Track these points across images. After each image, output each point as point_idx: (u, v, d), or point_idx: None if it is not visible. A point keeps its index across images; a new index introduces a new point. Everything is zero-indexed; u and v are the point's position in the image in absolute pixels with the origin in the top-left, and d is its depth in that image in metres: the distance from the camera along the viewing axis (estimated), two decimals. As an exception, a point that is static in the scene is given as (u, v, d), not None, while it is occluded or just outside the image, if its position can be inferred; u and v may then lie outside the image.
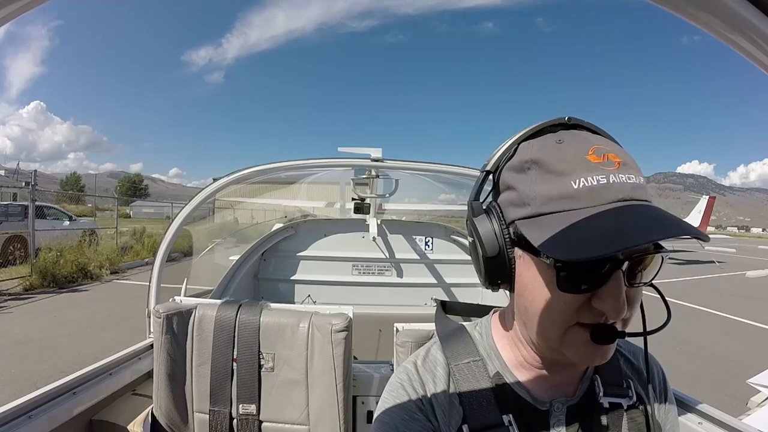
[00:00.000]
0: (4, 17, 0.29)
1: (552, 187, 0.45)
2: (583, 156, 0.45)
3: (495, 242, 0.50)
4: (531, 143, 0.50)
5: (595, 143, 0.46)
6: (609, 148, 0.46)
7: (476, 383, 0.55)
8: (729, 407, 1.03)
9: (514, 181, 0.49)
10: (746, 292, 9.82)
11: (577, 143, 0.46)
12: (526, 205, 0.46)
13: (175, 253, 3.32)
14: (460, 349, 0.59)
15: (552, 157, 0.46)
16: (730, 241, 24.97)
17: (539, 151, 0.47)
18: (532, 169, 0.47)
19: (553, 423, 0.53)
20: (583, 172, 0.43)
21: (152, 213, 35.01)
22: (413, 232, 2.56)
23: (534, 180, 0.46)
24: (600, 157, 0.44)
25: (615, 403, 0.54)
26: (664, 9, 0.32)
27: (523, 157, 0.49)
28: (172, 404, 1.20)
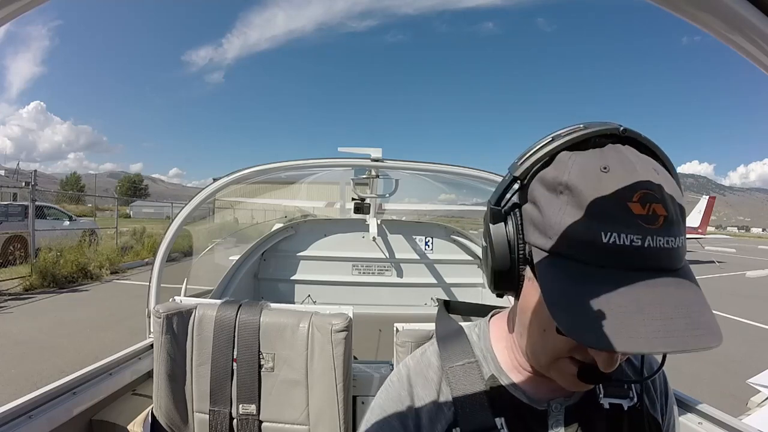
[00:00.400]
0: (4, 17, 0.29)
1: (579, 228, 0.39)
2: (626, 202, 0.38)
3: (507, 257, 0.47)
4: (573, 157, 0.43)
5: (645, 185, 0.39)
6: (658, 193, 0.39)
7: (470, 386, 0.54)
8: (729, 407, 1.03)
9: (543, 199, 0.43)
10: (746, 292, 9.82)
11: (625, 178, 0.39)
12: (547, 235, 0.42)
13: (175, 253, 3.31)
14: (456, 350, 0.58)
15: (590, 191, 0.39)
16: (730, 241, 24.98)
17: (578, 176, 0.41)
18: (565, 195, 0.41)
19: (551, 423, 0.52)
20: (618, 225, 0.38)
21: (152, 213, 35.00)
22: (413, 232, 2.56)
23: (563, 210, 0.41)
24: (644, 208, 0.38)
25: (615, 404, 0.53)
26: (664, 9, 0.32)
27: (559, 175, 0.42)
28: (172, 404, 1.20)
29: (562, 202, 0.41)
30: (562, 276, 0.40)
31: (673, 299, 0.37)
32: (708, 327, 0.37)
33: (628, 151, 0.43)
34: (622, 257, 0.38)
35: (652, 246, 0.37)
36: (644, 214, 0.38)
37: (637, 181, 0.39)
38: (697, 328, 0.36)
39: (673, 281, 0.39)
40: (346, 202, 2.91)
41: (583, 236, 0.39)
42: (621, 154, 0.42)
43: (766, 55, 0.32)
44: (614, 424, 0.52)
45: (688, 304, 0.38)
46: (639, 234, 0.37)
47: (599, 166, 0.41)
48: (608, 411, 0.53)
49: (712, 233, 39.54)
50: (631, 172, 0.40)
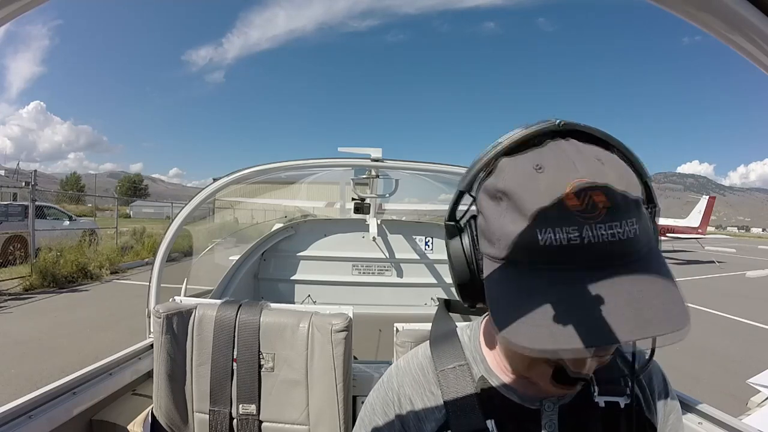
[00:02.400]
0: (4, 17, 0.29)
1: (518, 232, 0.39)
2: (558, 195, 0.37)
3: (466, 269, 0.48)
4: (510, 162, 0.43)
5: (582, 173, 0.38)
6: (598, 179, 0.37)
7: (461, 388, 0.54)
8: (729, 407, 1.03)
9: (487, 208, 0.44)
10: (746, 292, 9.82)
11: (558, 172, 0.38)
12: (492, 242, 0.42)
13: (175, 253, 3.32)
14: (447, 353, 0.58)
15: (523, 192, 0.39)
16: (730, 241, 24.99)
17: (513, 179, 0.40)
18: (504, 201, 0.41)
19: (544, 423, 0.51)
20: (552, 222, 0.37)
21: (152, 213, 35.01)
22: (413, 232, 2.56)
23: (503, 216, 0.41)
24: (580, 199, 0.36)
25: (612, 402, 0.52)
26: (665, 9, 0.32)
27: (497, 182, 0.42)
28: (172, 404, 1.20)
29: (502, 209, 0.41)
30: (504, 281, 0.40)
31: (615, 289, 0.36)
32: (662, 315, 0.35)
33: (567, 145, 0.41)
34: (560, 255, 0.37)
35: (592, 238, 0.36)
36: (579, 206, 0.36)
37: (571, 172, 0.38)
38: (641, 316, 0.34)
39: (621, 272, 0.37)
40: (346, 202, 2.91)
41: (521, 239, 0.38)
42: (558, 149, 0.41)
43: (766, 55, 0.32)
44: (611, 422, 0.52)
45: (634, 293, 0.36)
46: (575, 227, 0.36)
47: (533, 165, 0.40)
48: (604, 410, 0.52)
49: (712, 233, 39.53)
50: (566, 165, 0.39)
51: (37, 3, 0.30)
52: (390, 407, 0.58)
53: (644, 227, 0.39)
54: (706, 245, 18.21)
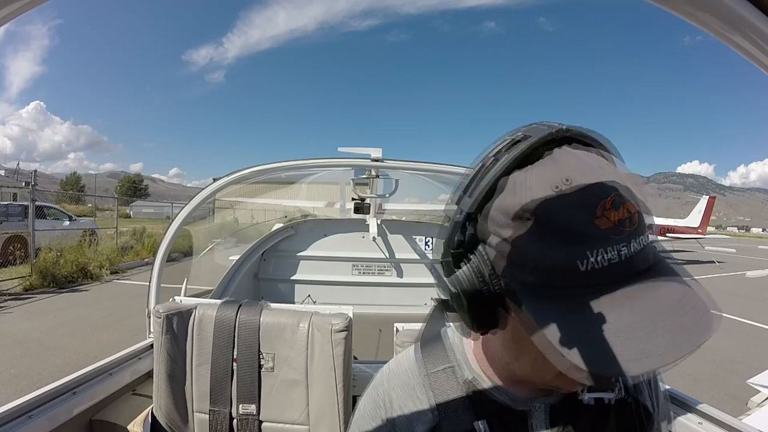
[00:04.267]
0: (4, 17, 0.29)
1: (556, 257, 0.37)
2: (600, 212, 0.36)
3: (485, 300, 0.43)
4: (525, 177, 0.39)
5: (611, 185, 0.37)
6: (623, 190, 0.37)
7: (450, 390, 0.54)
8: (729, 407, 1.03)
9: (510, 230, 0.39)
10: (746, 292, 9.82)
11: (590, 186, 0.37)
12: (527, 269, 0.39)
13: (175, 253, 3.31)
14: (436, 355, 0.58)
15: (560, 211, 0.37)
16: (730, 241, 24.98)
17: (539, 197, 0.38)
18: (530, 221, 0.38)
19: (534, 424, 0.51)
20: (601, 241, 0.36)
21: (152, 213, 35.02)
22: (413, 232, 2.56)
23: (533, 238, 0.38)
24: (619, 212, 0.36)
25: (599, 399, 0.52)
26: (665, 9, 0.32)
27: (519, 201, 0.39)
28: (172, 404, 1.20)
29: (529, 230, 0.38)
30: (553, 309, 0.38)
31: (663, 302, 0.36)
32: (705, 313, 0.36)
33: (578, 153, 0.40)
34: (613, 272, 0.36)
35: (637, 249, 0.37)
36: (621, 219, 0.36)
37: (602, 185, 0.37)
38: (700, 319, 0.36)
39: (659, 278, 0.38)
40: (346, 202, 2.91)
41: (562, 264, 0.37)
42: (574, 158, 0.40)
43: (766, 55, 0.32)
44: (600, 419, 0.51)
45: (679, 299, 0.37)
46: (623, 242, 0.36)
47: (560, 180, 0.38)
48: (592, 407, 0.51)
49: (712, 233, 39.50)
50: (592, 176, 0.38)
51: (37, 3, 0.30)
52: (380, 410, 0.58)
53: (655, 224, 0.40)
54: (706, 245, 18.20)
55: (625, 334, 0.35)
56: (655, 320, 0.35)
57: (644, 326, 0.35)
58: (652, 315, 0.36)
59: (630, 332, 0.35)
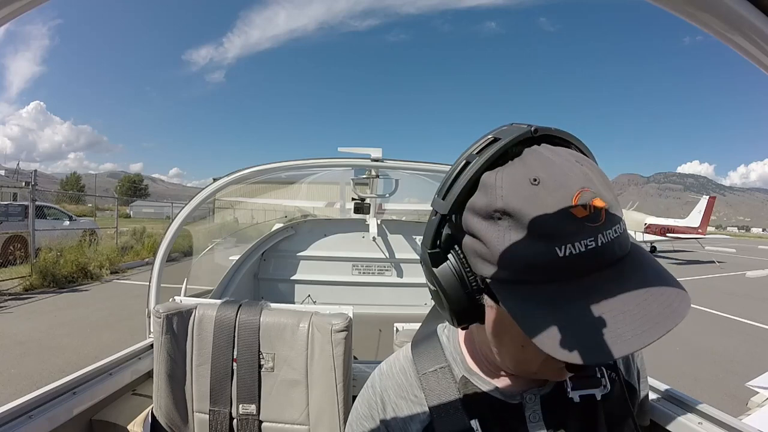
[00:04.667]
0: (4, 17, 0.29)
1: (530, 251, 0.38)
2: (567, 208, 0.37)
3: (462, 295, 0.45)
4: (498, 177, 0.40)
5: (578, 182, 0.38)
6: (591, 186, 0.38)
7: (443, 390, 0.54)
8: (729, 408, 1.03)
9: (482, 229, 0.41)
10: (746, 292, 9.83)
11: (556, 185, 0.38)
12: (498, 265, 0.40)
13: (175, 253, 3.32)
14: (429, 355, 0.59)
15: (528, 210, 0.38)
16: (730, 241, 24.98)
17: (511, 196, 0.39)
18: (504, 221, 0.39)
19: (528, 415, 0.52)
20: (569, 236, 0.37)
21: (152, 213, 35.03)
22: (413, 232, 2.56)
23: (508, 237, 0.39)
24: (586, 208, 0.37)
25: (586, 396, 0.53)
26: (665, 9, 0.32)
27: (490, 202, 0.40)
28: (172, 404, 1.20)
29: (503, 229, 0.39)
30: (531, 302, 0.39)
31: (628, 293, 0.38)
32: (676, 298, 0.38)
33: (545, 151, 0.42)
34: (582, 264, 0.37)
35: (605, 241, 0.38)
36: (588, 215, 0.37)
37: (569, 182, 0.38)
38: (668, 306, 0.37)
39: (627, 271, 0.39)
40: (346, 202, 2.91)
41: (538, 258, 0.38)
42: (542, 157, 0.41)
43: (766, 55, 0.32)
44: (588, 415, 0.52)
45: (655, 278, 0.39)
46: (590, 237, 0.37)
47: (528, 179, 0.39)
48: (579, 404, 0.52)
49: (712, 233, 39.50)
50: (560, 174, 0.39)
51: (37, 3, 0.30)
52: (374, 411, 0.58)
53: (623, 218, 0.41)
54: (706, 245, 18.20)
55: (600, 321, 0.36)
56: (628, 307, 0.37)
57: (617, 313, 0.36)
58: (625, 302, 0.37)
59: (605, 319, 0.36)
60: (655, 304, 0.37)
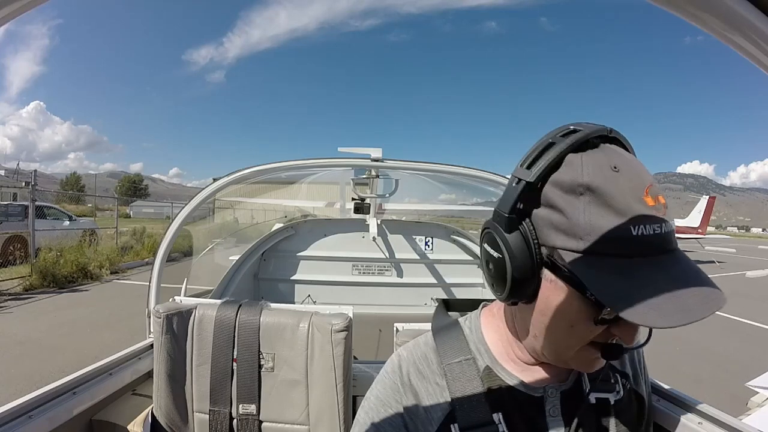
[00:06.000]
0: (4, 17, 0.29)
1: (610, 226, 0.42)
2: (641, 196, 0.42)
3: (528, 265, 0.47)
4: (582, 159, 0.45)
5: (648, 179, 0.44)
6: (657, 185, 0.44)
7: (467, 382, 0.55)
8: (730, 408, 1.03)
9: (563, 202, 0.44)
10: (746, 292, 9.82)
11: (633, 175, 0.44)
12: (578, 237, 0.43)
13: (175, 253, 3.32)
14: (452, 346, 0.59)
15: (611, 189, 0.42)
16: (730, 241, 24.98)
17: (595, 176, 0.43)
18: (586, 196, 0.43)
19: (548, 409, 0.54)
20: (642, 218, 0.42)
21: (152, 213, 35.02)
22: (413, 232, 2.56)
23: (588, 210, 0.43)
24: (654, 200, 0.43)
25: (602, 399, 0.55)
26: (665, 9, 0.32)
27: (575, 177, 0.44)
28: (172, 404, 1.20)
29: (584, 203, 0.43)
30: (606, 272, 0.42)
31: (692, 271, 0.43)
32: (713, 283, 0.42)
33: (620, 150, 0.47)
34: (650, 246, 0.42)
35: (666, 231, 0.43)
36: (655, 205, 0.43)
37: (642, 176, 0.44)
38: (714, 288, 0.41)
39: (683, 255, 0.44)
40: (346, 202, 2.91)
41: (614, 232, 0.42)
42: (619, 154, 0.46)
43: (766, 55, 0.32)
44: (601, 417, 0.55)
45: (698, 269, 0.43)
46: (657, 224, 0.42)
47: (610, 165, 0.44)
48: (595, 406, 0.55)
49: (712, 233, 39.48)
50: (635, 170, 0.44)
51: (37, 3, 0.30)
52: (398, 395, 0.58)
53: None
54: (706, 245, 18.19)
55: (665, 292, 0.40)
56: (687, 285, 0.41)
57: (677, 288, 0.40)
58: (684, 280, 0.41)
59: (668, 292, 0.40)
60: (707, 283, 0.41)
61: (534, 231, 0.47)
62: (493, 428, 0.52)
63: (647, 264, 0.42)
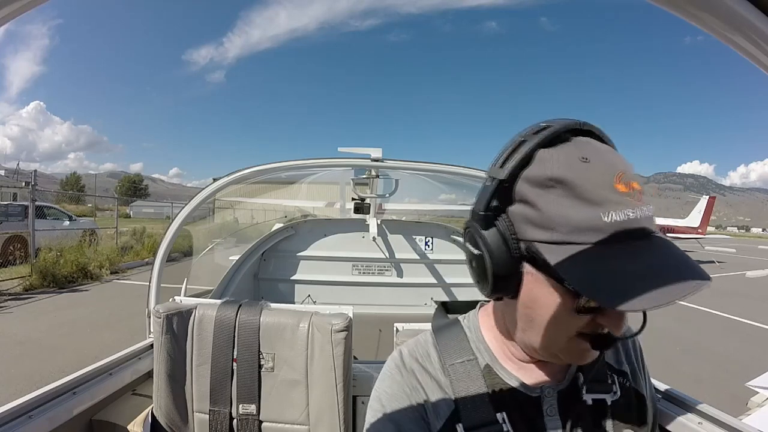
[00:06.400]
0: (4, 17, 0.29)
1: (581, 216, 0.43)
2: (611, 183, 0.43)
3: (507, 260, 0.48)
4: (551, 154, 0.46)
5: (620, 167, 0.44)
6: (630, 173, 0.45)
7: (470, 383, 0.55)
8: (729, 408, 1.03)
9: (534, 196, 0.46)
10: (746, 292, 9.82)
11: (603, 164, 0.44)
12: (550, 229, 0.44)
13: (175, 253, 3.32)
14: (454, 346, 0.60)
15: (580, 180, 0.43)
16: (730, 241, 24.97)
17: (565, 168, 0.44)
18: (557, 189, 0.44)
19: (546, 409, 0.54)
20: (613, 205, 0.42)
21: (152, 213, 35.01)
22: (413, 232, 2.56)
23: (559, 202, 0.44)
24: (626, 186, 0.43)
25: (598, 400, 0.56)
26: (665, 9, 0.32)
27: (545, 172, 0.45)
28: (172, 404, 1.20)
29: (555, 195, 0.44)
30: (578, 260, 0.42)
31: (671, 254, 0.43)
32: (699, 268, 0.42)
33: (592, 142, 0.48)
34: (623, 231, 0.42)
35: (641, 216, 0.43)
36: (627, 191, 0.43)
37: (613, 165, 0.45)
38: (695, 270, 0.42)
39: (661, 241, 0.44)
40: (346, 202, 2.91)
41: (586, 222, 0.42)
42: (589, 145, 0.47)
43: (766, 55, 0.32)
44: (598, 418, 0.55)
45: (681, 254, 0.43)
46: (630, 208, 0.42)
47: (579, 157, 0.45)
48: (591, 407, 0.55)
49: (712, 233, 39.47)
50: (606, 159, 0.45)
51: (37, 3, 0.30)
52: (407, 389, 0.58)
53: None
54: (706, 245, 18.19)
55: (638, 276, 0.40)
56: (662, 268, 0.41)
57: (653, 273, 0.40)
58: (660, 265, 0.41)
59: (642, 275, 0.40)
60: (684, 266, 0.41)
61: (512, 227, 0.48)
62: (497, 428, 0.53)
63: (622, 250, 0.42)
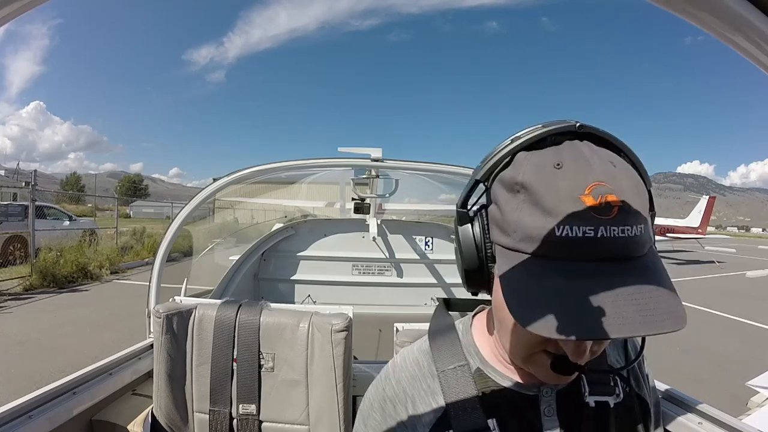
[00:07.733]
0: (4, 17, 0.29)
1: (535, 225, 0.40)
2: (577, 195, 0.39)
3: (475, 256, 0.49)
4: (527, 157, 0.44)
5: (598, 176, 0.40)
6: (612, 184, 0.39)
7: (461, 388, 0.54)
8: (729, 408, 1.03)
9: (502, 199, 0.45)
10: (746, 292, 9.82)
11: (577, 172, 0.40)
12: (507, 233, 0.43)
13: (175, 253, 3.32)
14: (447, 351, 0.59)
15: (543, 187, 0.41)
16: (730, 241, 24.98)
17: (532, 174, 0.42)
18: (521, 194, 0.43)
19: (543, 409, 0.53)
20: (570, 219, 0.38)
21: (152, 213, 35.01)
22: (413, 232, 2.56)
23: (520, 208, 0.42)
24: (597, 199, 0.38)
25: (601, 402, 0.54)
26: (665, 10, 0.32)
27: (515, 175, 0.44)
28: (172, 404, 1.20)
29: (519, 201, 0.43)
30: (519, 270, 0.41)
31: (625, 287, 0.38)
32: (664, 312, 0.37)
33: (584, 146, 0.44)
34: (575, 248, 0.38)
35: (606, 236, 0.38)
36: (596, 206, 0.38)
37: (589, 174, 0.40)
38: (648, 313, 0.36)
39: (629, 269, 0.39)
40: (346, 202, 2.91)
41: (539, 231, 0.40)
42: (576, 150, 0.43)
43: (766, 55, 0.32)
44: (601, 421, 0.53)
45: (642, 291, 0.38)
46: (591, 225, 0.38)
47: (553, 163, 0.42)
48: (594, 409, 0.53)
49: (712, 233, 39.50)
50: (584, 166, 0.41)
51: (37, 3, 0.30)
52: (387, 402, 0.58)
53: (648, 230, 0.42)
54: (706, 245, 18.20)
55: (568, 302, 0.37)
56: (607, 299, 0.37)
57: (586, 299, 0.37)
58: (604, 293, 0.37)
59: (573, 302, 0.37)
60: (633, 308, 0.36)
61: (487, 226, 0.48)
62: None
63: (564, 269, 0.39)
